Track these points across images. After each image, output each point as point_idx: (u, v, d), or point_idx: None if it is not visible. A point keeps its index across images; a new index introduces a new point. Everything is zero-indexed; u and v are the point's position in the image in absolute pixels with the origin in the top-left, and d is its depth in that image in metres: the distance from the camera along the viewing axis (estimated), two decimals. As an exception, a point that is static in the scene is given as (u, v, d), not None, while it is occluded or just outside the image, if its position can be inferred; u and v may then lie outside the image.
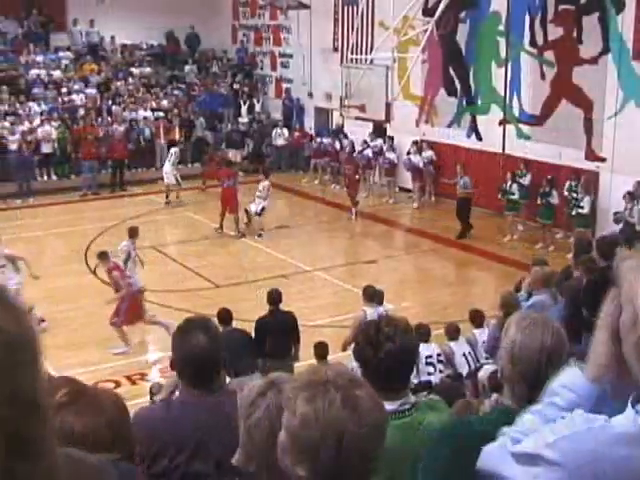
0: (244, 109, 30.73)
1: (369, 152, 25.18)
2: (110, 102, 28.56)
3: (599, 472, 1.85)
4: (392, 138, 24.81)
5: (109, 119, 27.60)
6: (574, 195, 19.03)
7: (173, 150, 24.62)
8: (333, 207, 23.98)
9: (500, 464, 2.11)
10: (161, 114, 28.59)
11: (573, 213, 18.81)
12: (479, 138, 22.96)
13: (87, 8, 30.28)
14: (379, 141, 25.39)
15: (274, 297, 11.60)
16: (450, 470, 2.62)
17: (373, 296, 11.68)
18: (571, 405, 2.11)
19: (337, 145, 26.45)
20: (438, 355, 10.87)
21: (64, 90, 28.57)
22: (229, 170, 21.72)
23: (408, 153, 23.98)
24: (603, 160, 19.40)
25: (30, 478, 1.44)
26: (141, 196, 23.87)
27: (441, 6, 20.80)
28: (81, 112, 27.49)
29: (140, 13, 30.15)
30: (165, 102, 29.48)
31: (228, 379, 9.01)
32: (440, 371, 10.76)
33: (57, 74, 29.35)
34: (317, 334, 12.55)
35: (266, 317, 11.50)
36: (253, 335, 11.08)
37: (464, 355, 11.04)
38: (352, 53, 23.45)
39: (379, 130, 25.25)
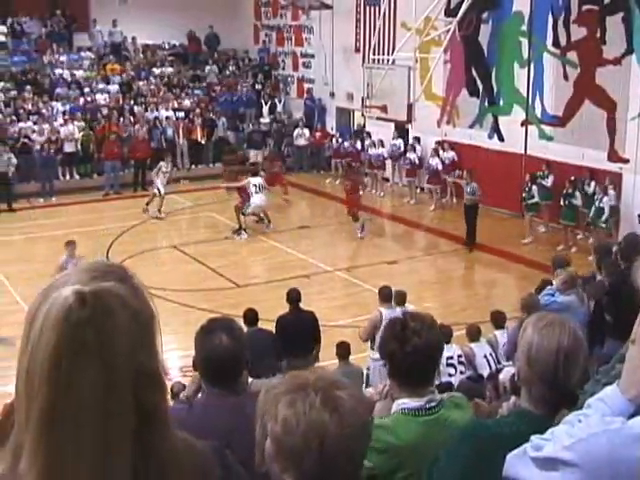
0: (266, 109, 30.77)
1: (384, 152, 25.17)
2: (132, 102, 28.69)
3: (616, 473, 1.86)
4: (419, 139, 24.66)
5: (131, 119, 27.73)
6: (589, 192, 19.02)
7: (161, 164, 23.65)
8: (354, 207, 23.98)
9: (522, 470, 2.12)
10: (182, 114, 28.70)
11: (591, 213, 18.77)
12: (501, 139, 22.88)
13: (110, 8, 30.50)
14: (399, 141, 25.41)
15: (293, 296, 11.64)
16: (468, 472, 2.63)
17: (389, 297, 11.65)
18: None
19: (358, 145, 26.48)
20: (459, 356, 10.85)
21: (87, 90, 28.75)
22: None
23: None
24: (626, 161, 19.29)
25: (157, 452, 1.53)
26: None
27: (463, 7, 20.75)
28: (104, 112, 27.64)
29: (162, 13, 30.24)
30: (187, 102, 29.58)
31: (250, 379, 9.03)
32: (461, 372, 10.73)
33: (80, 74, 29.55)
34: (338, 334, 12.56)
35: (287, 315, 11.54)
36: (274, 333, 11.12)
37: (485, 357, 10.99)
38: (374, 53, 23.44)
39: (401, 130, 25.23)
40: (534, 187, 20.08)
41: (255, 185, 20.97)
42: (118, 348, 1.44)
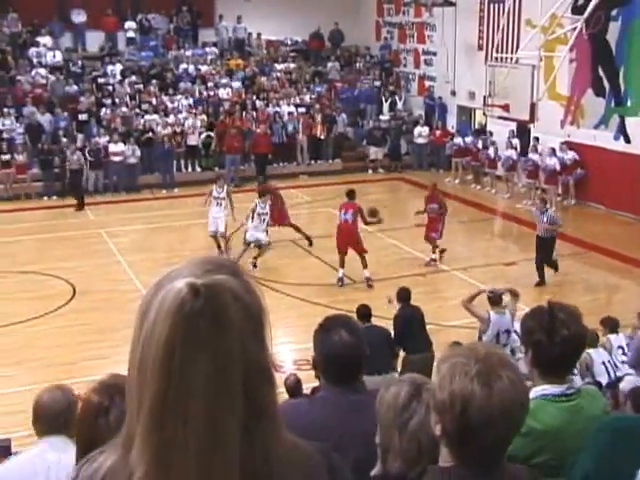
0: (386, 106, 30.74)
1: (513, 153, 24.77)
2: (254, 97, 29.08)
3: None
4: (537, 139, 24.19)
5: (253, 114, 28.11)
6: None
7: (212, 188, 19.63)
8: (473, 207, 23.72)
9: None
10: (303, 110, 28.93)
11: None
12: (627, 140, 22.24)
13: (234, 4, 31.05)
14: (515, 141, 25.03)
15: (404, 295, 11.74)
16: (601, 459, 2.58)
17: (499, 300, 11.54)
18: None
19: (479, 144, 26.17)
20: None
21: (210, 84, 29.30)
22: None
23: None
24: None
25: (265, 450, 1.52)
26: (282, 190, 24.12)
27: (592, 4, 20.25)
28: (226, 106, 28.13)
29: (285, 9, 30.70)
30: (308, 98, 29.80)
31: (364, 377, 9.05)
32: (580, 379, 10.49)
33: (204, 69, 30.13)
34: (453, 334, 12.49)
35: (402, 313, 11.60)
36: (393, 332, 11.19)
37: (603, 363, 10.73)
38: (497, 52, 23.13)
39: (522, 130, 24.81)
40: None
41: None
42: (230, 341, 1.45)
